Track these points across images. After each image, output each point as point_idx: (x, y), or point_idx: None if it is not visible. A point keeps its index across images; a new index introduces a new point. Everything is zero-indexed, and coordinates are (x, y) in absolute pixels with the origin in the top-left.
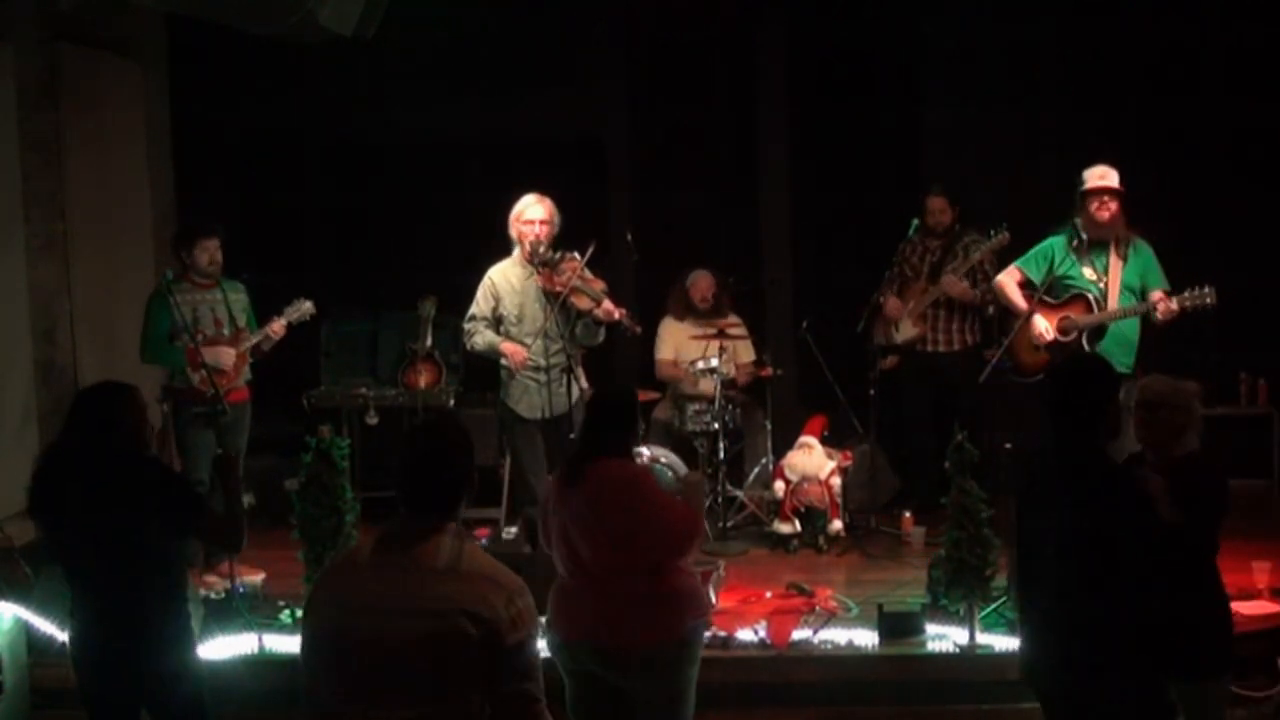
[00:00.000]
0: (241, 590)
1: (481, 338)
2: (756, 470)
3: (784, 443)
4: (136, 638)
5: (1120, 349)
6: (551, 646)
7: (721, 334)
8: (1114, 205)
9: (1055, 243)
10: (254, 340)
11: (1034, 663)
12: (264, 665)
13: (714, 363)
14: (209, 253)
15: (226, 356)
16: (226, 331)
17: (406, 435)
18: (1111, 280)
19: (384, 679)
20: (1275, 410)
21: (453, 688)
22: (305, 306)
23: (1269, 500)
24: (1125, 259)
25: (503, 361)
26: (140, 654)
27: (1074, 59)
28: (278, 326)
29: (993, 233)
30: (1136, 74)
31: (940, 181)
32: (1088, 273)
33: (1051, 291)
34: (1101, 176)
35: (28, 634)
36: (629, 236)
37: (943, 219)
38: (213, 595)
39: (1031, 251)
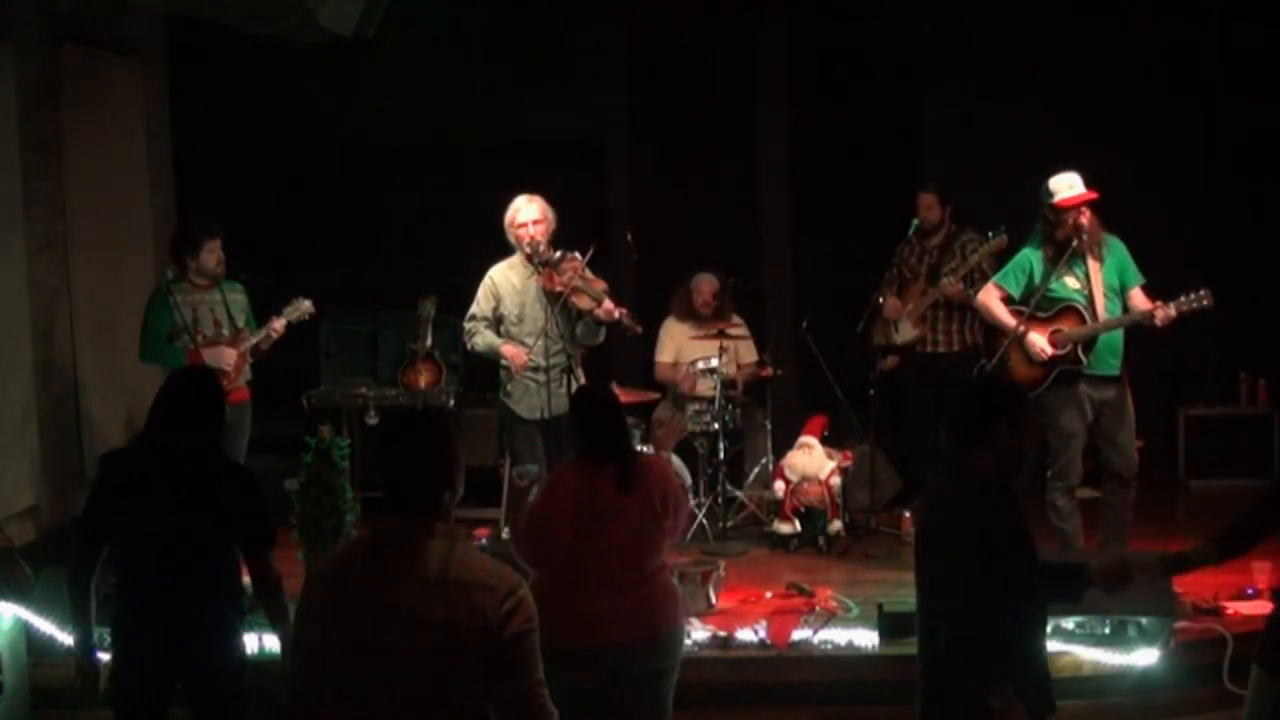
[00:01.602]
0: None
1: (482, 339)
2: (756, 470)
3: (784, 443)
4: (190, 636)
5: (1110, 354)
6: (576, 663)
7: (722, 334)
8: (1088, 212)
9: (1031, 255)
10: (254, 340)
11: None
12: (264, 665)
13: (714, 363)
14: (215, 254)
15: (228, 356)
16: (226, 332)
17: (382, 432)
18: (1094, 286)
19: (380, 691)
20: (1275, 410)
21: (451, 698)
22: (304, 305)
23: None
24: (1102, 260)
25: (503, 362)
26: (191, 652)
27: (1074, 59)
28: (278, 326)
29: (991, 235)
30: (1136, 74)
31: (936, 179)
32: (1070, 282)
33: (1038, 305)
34: (1072, 185)
35: (28, 634)
36: (629, 236)
37: (930, 215)
38: None
39: (1008, 266)
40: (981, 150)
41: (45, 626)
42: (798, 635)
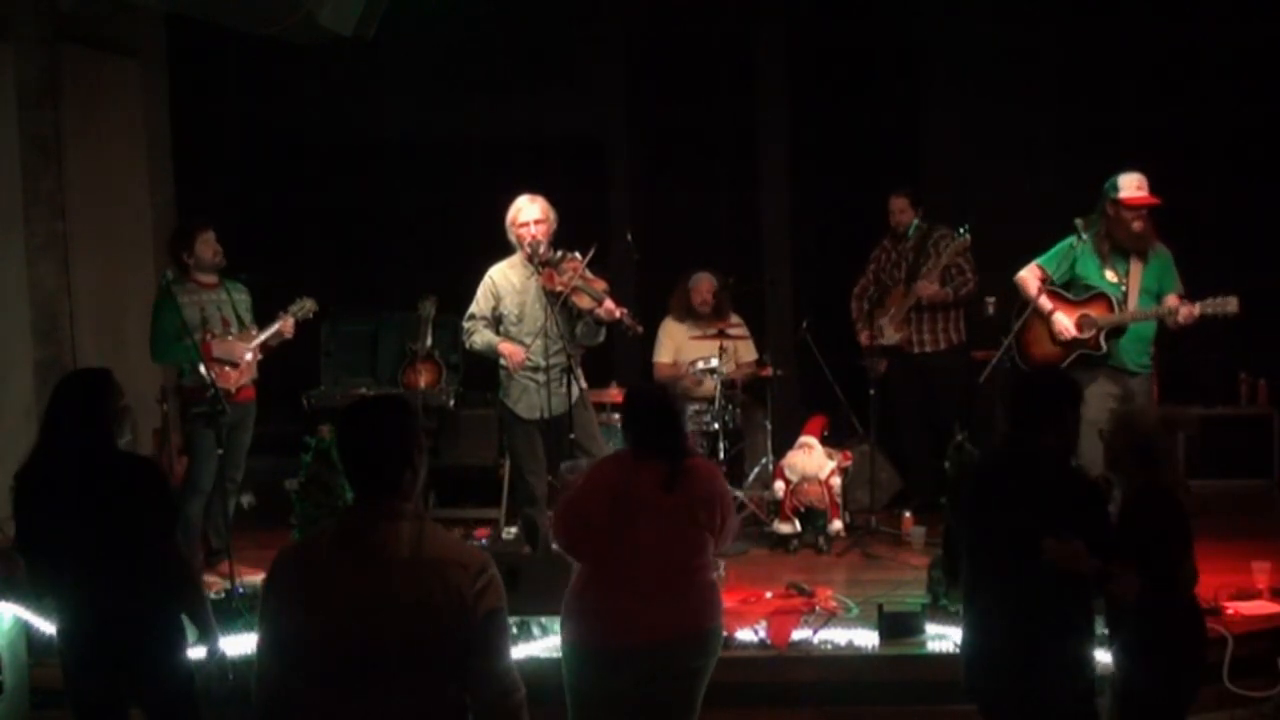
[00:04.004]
0: (241, 590)
1: (480, 337)
2: (756, 470)
3: (784, 443)
4: (128, 636)
5: (1137, 348)
6: (607, 663)
7: (722, 334)
8: (1146, 216)
9: (1076, 243)
10: (263, 337)
11: (972, 661)
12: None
13: (714, 363)
14: (210, 245)
15: (239, 350)
16: (234, 331)
17: (340, 417)
18: (1132, 283)
19: (356, 674)
20: (1275, 410)
21: (427, 678)
22: (308, 304)
23: (1269, 500)
24: (1146, 262)
25: (501, 361)
26: (131, 652)
27: (1074, 59)
28: (289, 325)
29: (960, 231)
30: (1136, 74)
31: (907, 183)
32: (1109, 275)
33: (1069, 289)
34: (1140, 187)
35: (28, 634)
36: (629, 236)
37: (902, 219)
38: (213, 595)
39: (1053, 250)
40: (981, 150)
41: (45, 626)
42: (798, 635)
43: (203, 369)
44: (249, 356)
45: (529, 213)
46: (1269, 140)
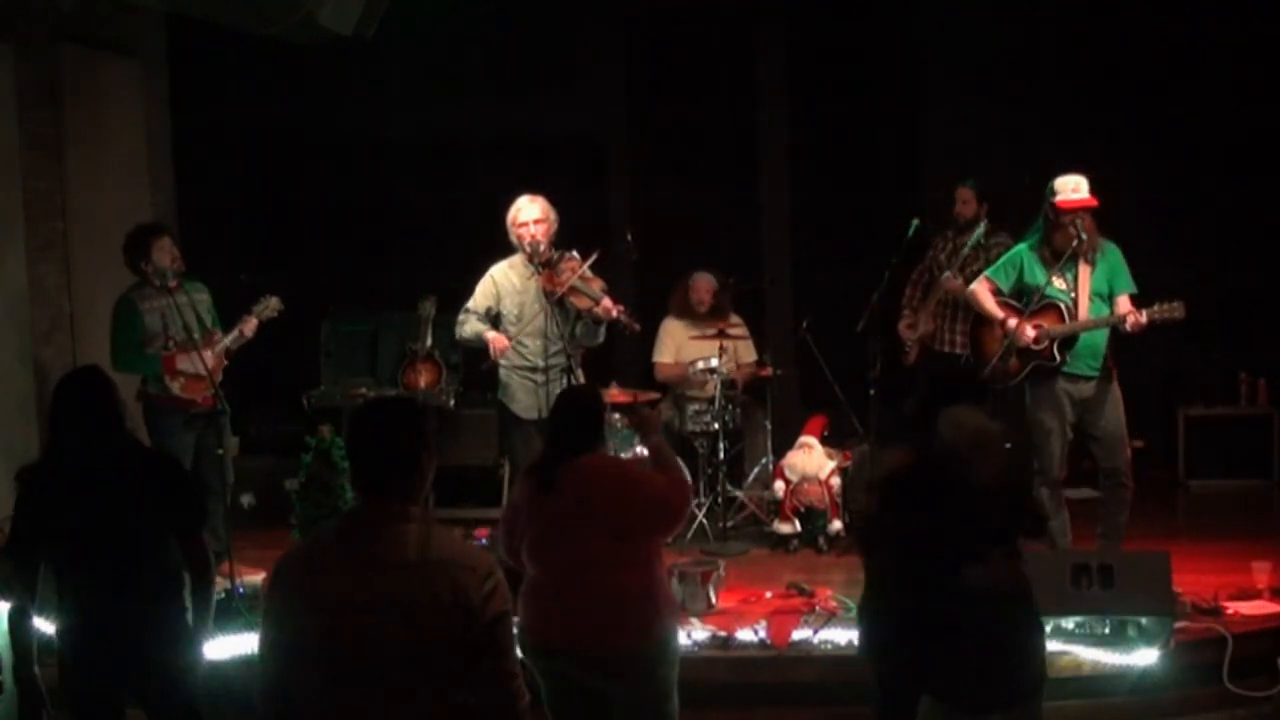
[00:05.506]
0: (241, 590)
1: (470, 327)
2: (756, 470)
3: (784, 443)
4: (133, 634)
5: (1090, 355)
6: (526, 651)
7: (722, 334)
8: (1087, 218)
9: (1024, 251)
10: (227, 341)
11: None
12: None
13: (714, 363)
14: (167, 252)
15: (205, 361)
16: (196, 335)
17: (350, 418)
18: (1081, 289)
19: (363, 676)
20: (1275, 410)
21: (431, 679)
22: (272, 303)
23: (1269, 500)
24: (1094, 265)
25: (500, 361)
26: (136, 650)
27: (1074, 59)
28: (251, 326)
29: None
30: (1136, 74)
31: (974, 176)
32: (1058, 283)
33: (1020, 299)
34: (1076, 189)
35: None
36: (629, 236)
37: (965, 210)
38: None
39: (1001, 260)
40: (980, 150)
41: (45, 626)
42: (798, 635)
43: (167, 381)
44: (213, 363)
45: (529, 213)
46: (1269, 140)
